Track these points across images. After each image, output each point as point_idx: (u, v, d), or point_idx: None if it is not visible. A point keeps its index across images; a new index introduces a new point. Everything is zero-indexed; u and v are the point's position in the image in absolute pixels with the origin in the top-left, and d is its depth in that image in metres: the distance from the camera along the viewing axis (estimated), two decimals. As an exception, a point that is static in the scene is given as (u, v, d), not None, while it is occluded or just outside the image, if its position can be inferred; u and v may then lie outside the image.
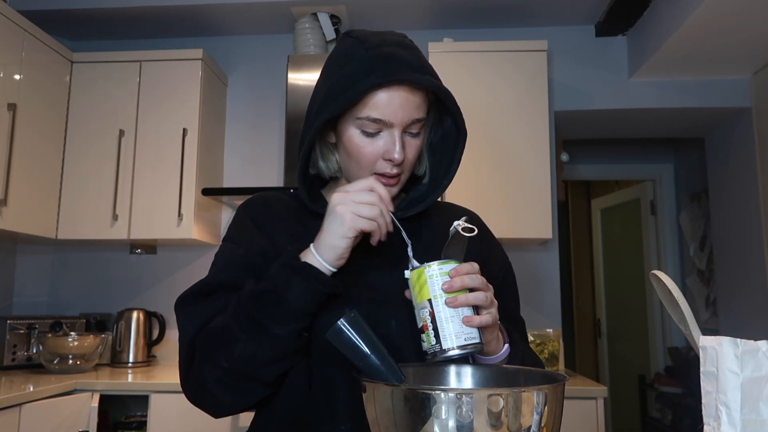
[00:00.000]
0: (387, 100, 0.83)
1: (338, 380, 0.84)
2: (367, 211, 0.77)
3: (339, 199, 0.78)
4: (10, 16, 2.30)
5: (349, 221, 0.76)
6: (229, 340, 0.78)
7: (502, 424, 0.59)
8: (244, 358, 0.77)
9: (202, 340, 0.81)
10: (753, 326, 2.86)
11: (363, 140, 0.86)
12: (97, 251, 2.94)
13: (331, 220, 0.78)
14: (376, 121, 0.84)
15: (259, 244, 0.90)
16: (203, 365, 0.80)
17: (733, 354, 0.60)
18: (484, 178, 2.49)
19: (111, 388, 2.22)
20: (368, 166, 0.87)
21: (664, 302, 0.73)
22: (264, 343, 0.77)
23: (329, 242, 0.78)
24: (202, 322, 0.82)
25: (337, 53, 0.89)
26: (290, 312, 0.76)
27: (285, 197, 0.98)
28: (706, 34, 2.37)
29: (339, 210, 0.77)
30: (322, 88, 0.88)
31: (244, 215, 0.95)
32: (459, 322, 0.76)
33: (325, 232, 0.78)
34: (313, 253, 0.79)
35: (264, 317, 0.76)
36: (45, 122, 2.52)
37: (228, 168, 2.95)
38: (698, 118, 3.02)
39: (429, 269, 0.77)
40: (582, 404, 2.17)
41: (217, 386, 0.80)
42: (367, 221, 0.77)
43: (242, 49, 3.03)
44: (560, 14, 2.81)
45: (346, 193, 0.78)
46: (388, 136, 0.85)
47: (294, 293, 0.76)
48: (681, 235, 3.89)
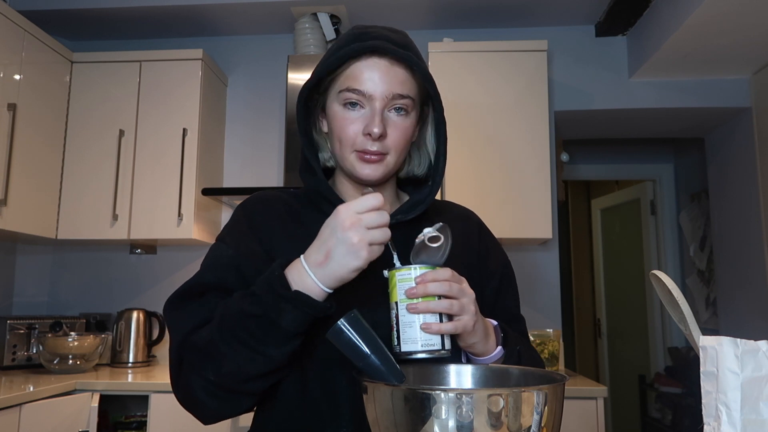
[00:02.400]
0: (367, 73, 0.84)
1: (339, 381, 0.84)
2: (380, 237, 0.72)
3: (353, 223, 0.71)
4: (10, 16, 2.30)
5: (366, 254, 0.71)
6: (216, 356, 0.76)
7: (502, 424, 0.59)
8: (232, 374, 0.76)
9: (189, 350, 0.79)
10: (753, 326, 2.86)
11: (345, 114, 0.86)
12: (97, 251, 2.94)
13: (344, 250, 0.71)
14: (355, 92, 0.84)
15: (248, 246, 0.88)
16: (190, 375, 0.79)
17: (733, 354, 0.60)
18: (484, 178, 2.49)
19: (111, 388, 2.22)
20: (348, 141, 0.86)
21: (664, 302, 0.73)
22: (255, 361, 0.75)
23: (338, 274, 0.72)
24: (189, 327, 0.81)
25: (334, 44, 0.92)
26: (282, 336, 0.74)
27: (285, 196, 0.97)
28: (706, 34, 2.37)
29: (357, 241, 0.70)
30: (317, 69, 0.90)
31: (241, 215, 0.93)
32: (418, 327, 0.76)
33: (333, 261, 0.72)
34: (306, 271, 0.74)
35: (254, 341, 0.74)
36: (45, 122, 2.52)
37: (228, 168, 2.95)
38: (698, 118, 3.02)
39: (399, 273, 0.78)
40: (582, 404, 2.17)
41: (204, 395, 0.79)
42: (379, 248, 0.73)
43: (242, 49, 3.03)
44: (560, 14, 2.81)
45: (357, 215, 0.71)
46: (368, 110, 0.85)
47: (285, 319, 0.73)
48: (681, 235, 3.89)
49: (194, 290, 0.85)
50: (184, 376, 0.80)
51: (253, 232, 0.90)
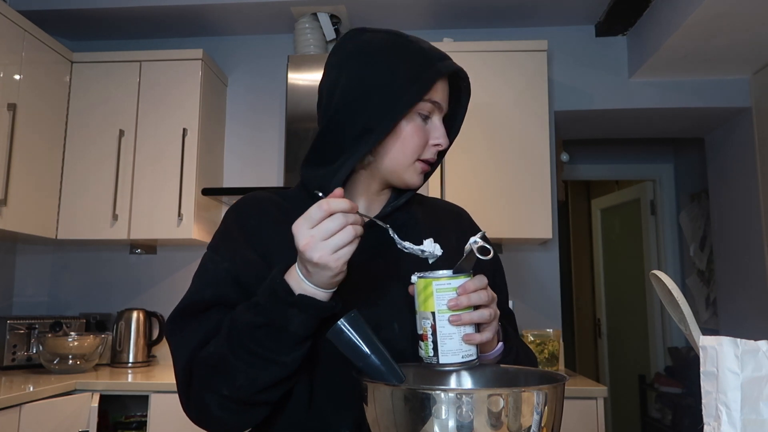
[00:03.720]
0: (443, 88, 0.89)
1: (339, 381, 0.84)
2: (344, 238, 0.70)
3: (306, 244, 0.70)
4: (10, 16, 2.30)
5: (335, 265, 0.70)
6: (228, 371, 0.76)
7: (502, 424, 0.59)
8: (247, 386, 0.76)
9: (199, 369, 0.79)
10: (753, 326, 2.86)
11: (417, 125, 0.88)
12: (97, 251, 2.94)
13: (316, 271, 0.71)
14: (434, 104, 0.88)
15: (243, 256, 0.87)
16: (204, 393, 0.79)
17: (733, 354, 0.60)
18: (484, 178, 2.49)
19: (111, 388, 2.22)
20: (417, 152, 0.89)
21: (664, 302, 0.73)
22: (269, 370, 0.76)
23: (324, 283, 0.73)
24: (193, 346, 0.81)
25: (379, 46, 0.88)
26: (293, 341, 0.75)
27: (275, 198, 0.96)
28: (706, 34, 2.37)
29: (317, 259, 0.70)
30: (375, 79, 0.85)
31: (232, 222, 0.92)
32: (459, 339, 0.75)
33: (313, 276, 0.72)
34: (308, 284, 0.74)
35: (265, 350, 0.75)
36: (45, 122, 2.52)
37: (228, 168, 2.95)
38: (698, 118, 3.02)
39: (437, 282, 0.75)
40: (582, 404, 2.17)
41: (221, 411, 0.79)
42: (348, 248, 0.71)
43: (242, 49, 3.03)
44: (560, 14, 2.81)
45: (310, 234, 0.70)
46: (437, 122, 0.89)
47: (294, 324, 0.73)
48: (681, 235, 3.89)
49: (195, 308, 0.84)
50: (196, 395, 0.80)
51: (246, 239, 0.89)
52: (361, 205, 0.95)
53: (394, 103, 0.84)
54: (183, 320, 0.84)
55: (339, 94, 0.89)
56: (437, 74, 0.86)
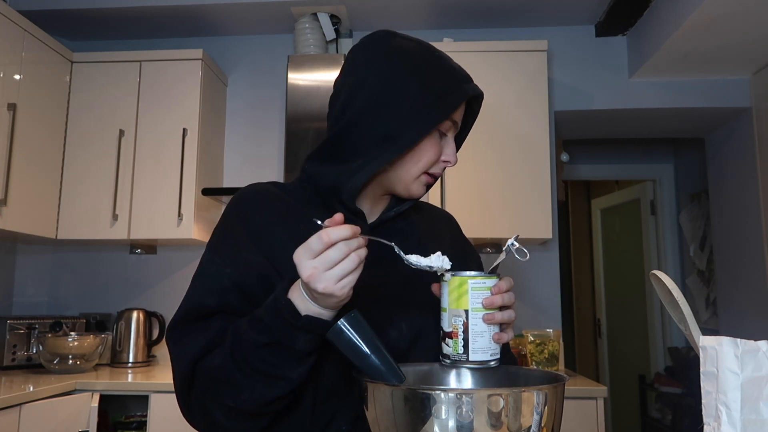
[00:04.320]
0: (462, 108, 0.91)
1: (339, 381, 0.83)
2: (347, 266, 0.69)
3: (310, 275, 0.68)
4: (10, 16, 2.30)
5: (341, 293, 0.69)
6: (233, 384, 0.76)
7: (502, 424, 0.59)
8: (252, 400, 0.76)
9: (203, 379, 0.79)
10: (753, 326, 2.86)
11: (435, 141, 0.89)
12: (97, 251, 2.94)
13: (321, 298, 0.70)
14: (453, 122, 0.90)
15: (246, 260, 0.84)
16: (206, 402, 0.79)
17: (733, 354, 0.60)
18: (484, 178, 2.49)
19: (111, 388, 2.22)
20: (427, 166, 0.90)
21: (664, 302, 0.73)
22: (275, 386, 0.75)
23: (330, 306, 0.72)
24: (194, 353, 0.79)
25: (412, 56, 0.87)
26: (298, 358, 0.74)
27: (277, 191, 0.93)
28: (706, 34, 2.37)
29: (322, 289, 0.68)
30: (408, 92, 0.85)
31: (234, 218, 0.89)
32: (489, 338, 0.77)
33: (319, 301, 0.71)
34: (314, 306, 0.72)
35: (270, 368, 0.74)
36: (45, 122, 2.52)
37: (228, 168, 2.95)
38: (698, 118, 3.02)
39: (473, 281, 0.77)
40: (582, 404, 2.17)
41: (227, 420, 0.79)
42: (353, 275, 0.70)
43: (242, 49, 3.03)
44: (560, 14, 2.81)
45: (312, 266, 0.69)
46: (450, 140, 0.91)
47: (300, 343, 0.73)
48: (681, 235, 3.89)
49: (196, 314, 0.82)
50: (198, 402, 0.80)
51: (250, 238, 0.86)
52: (365, 208, 0.94)
53: (423, 117, 0.85)
54: (184, 327, 0.82)
55: (365, 94, 0.86)
56: (464, 95, 0.87)
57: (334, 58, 2.68)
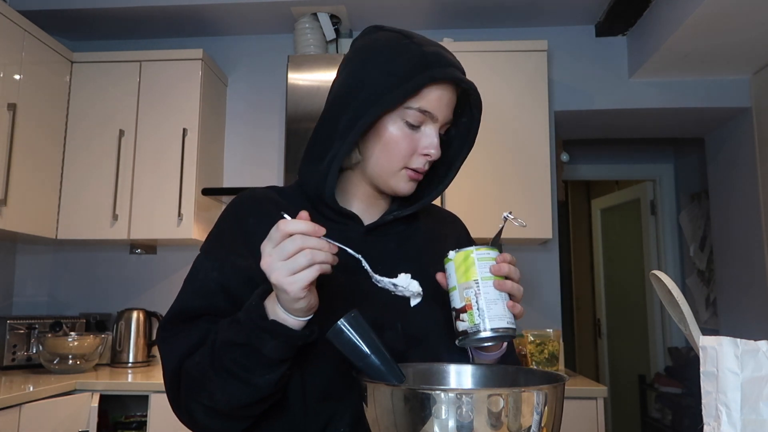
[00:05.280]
0: (438, 97, 0.85)
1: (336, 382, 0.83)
2: (299, 261, 0.68)
3: (265, 263, 0.70)
4: (10, 16, 2.30)
5: (291, 288, 0.68)
6: (208, 385, 0.76)
7: (502, 424, 0.59)
8: (224, 402, 0.77)
9: (185, 377, 0.80)
10: (753, 326, 2.86)
11: (404, 132, 0.86)
12: (97, 251, 2.94)
13: (278, 294, 0.71)
14: (424, 113, 0.85)
15: (233, 264, 0.85)
16: (189, 401, 0.80)
17: (733, 354, 0.60)
18: (484, 178, 2.49)
19: (111, 388, 2.22)
20: (403, 159, 0.87)
21: (664, 302, 0.73)
22: (244, 390, 0.75)
23: (290, 307, 0.72)
24: (182, 352, 0.81)
25: (380, 45, 0.88)
26: (266, 364, 0.74)
27: (273, 195, 0.94)
28: (706, 34, 2.37)
29: (274, 280, 0.69)
30: (365, 79, 0.86)
31: (228, 221, 0.91)
32: (503, 305, 0.77)
33: (281, 300, 0.72)
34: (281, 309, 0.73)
35: (240, 370, 0.74)
36: (45, 122, 2.52)
37: (228, 168, 2.95)
38: (698, 118, 3.02)
39: (478, 251, 0.78)
40: (582, 404, 2.17)
41: (206, 419, 0.80)
42: (306, 272, 0.69)
43: (242, 49, 3.03)
44: (560, 14, 2.81)
45: (268, 254, 0.69)
46: (428, 131, 0.87)
47: (267, 348, 0.73)
48: (681, 235, 3.89)
49: (184, 316, 0.84)
50: (184, 401, 0.81)
51: (243, 239, 0.87)
52: (356, 207, 0.93)
53: (377, 99, 0.83)
54: (173, 328, 0.84)
55: (335, 89, 0.90)
56: (428, 80, 0.83)
57: (334, 58, 2.68)
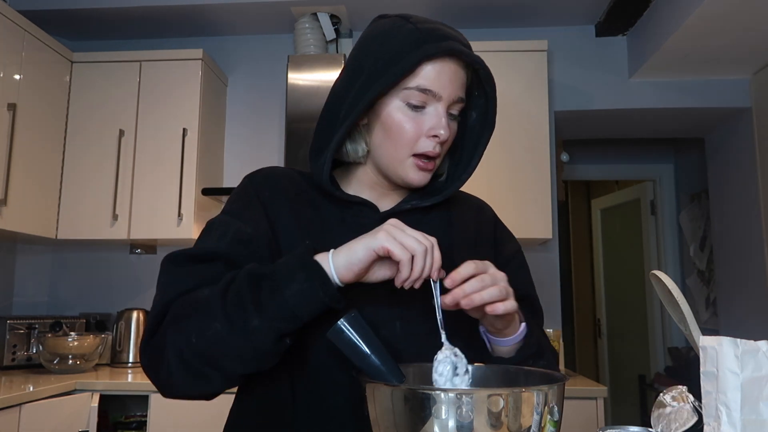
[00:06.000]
0: (437, 72, 0.80)
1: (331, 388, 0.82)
2: (410, 242, 0.70)
3: (394, 221, 0.72)
4: (10, 16, 2.30)
5: (383, 236, 0.70)
6: (207, 316, 0.71)
7: (502, 424, 0.59)
8: (215, 341, 0.70)
9: (180, 305, 0.74)
10: (753, 326, 2.86)
11: (407, 114, 0.82)
12: (97, 251, 2.94)
13: (369, 232, 0.72)
14: (424, 92, 0.80)
15: (265, 229, 0.83)
16: (170, 332, 0.73)
17: (733, 354, 0.60)
18: (483, 178, 2.49)
19: (111, 388, 2.22)
20: (409, 144, 0.83)
21: (664, 302, 0.73)
22: (238, 333, 0.70)
23: (351, 246, 0.72)
24: (186, 287, 0.75)
25: (376, 32, 0.85)
26: (279, 306, 0.69)
27: (295, 175, 0.92)
28: (706, 34, 2.37)
29: (384, 227, 0.71)
30: (363, 65, 0.83)
31: (251, 191, 0.88)
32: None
33: (355, 239, 0.72)
34: (328, 257, 0.72)
35: (250, 302, 0.70)
36: (45, 122, 2.52)
37: (228, 168, 2.95)
38: (698, 118, 3.02)
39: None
40: (582, 404, 2.17)
41: (175, 358, 0.72)
42: (401, 248, 0.69)
43: (242, 49, 3.03)
44: (560, 14, 2.81)
45: (403, 226, 0.72)
46: (433, 111, 0.82)
47: (292, 289, 0.70)
48: (681, 235, 3.89)
49: (203, 256, 0.79)
50: (160, 333, 0.74)
51: (263, 208, 0.86)
52: (374, 197, 0.92)
53: (373, 83, 0.80)
54: (185, 261, 0.78)
55: (335, 83, 0.88)
56: (422, 55, 0.78)
57: (334, 58, 2.68)
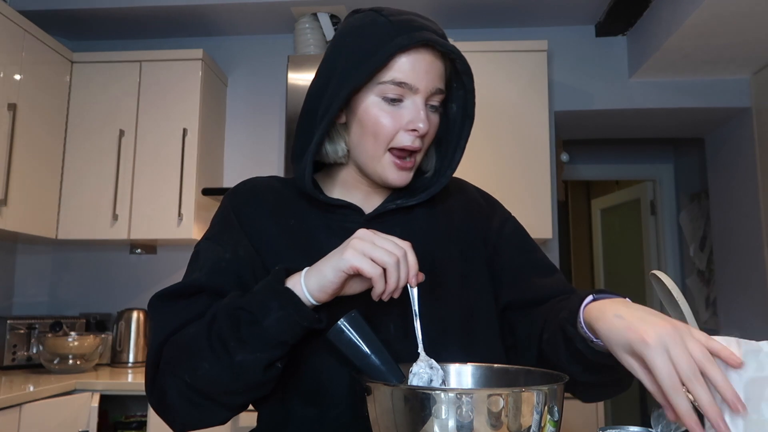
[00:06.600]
0: (412, 64, 0.78)
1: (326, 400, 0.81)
2: (379, 255, 0.67)
3: (362, 233, 0.70)
4: (10, 16, 2.30)
5: (350, 255, 0.68)
6: (195, 357, 0.71)
7: (502, 424, 0.59)
8: (207, 381, 0.71)
9: (171, 347, 0.74)
10: (753, 326, 2.86)
11: (383, 109, 0.80)
12: (97, 251, 2.94)
13: (338, 248, 0.70)
14: (400, 85, 0.78)
15: (246, 249, 0.83)
16: (166, 375, 0.74)
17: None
18: (483, 178, 2.48)
19: (111, 388, 2.22)
20: (387, 138, 0.80)
21: (664, 302, 0.73)
22: (227, 370, 0.70)
23: (321, 269, 0.70)
24: (175, 326, 0.75)
25: (350, 27, 0.84)
26: (261, 338, 0.69)
27: (276, 183, 0.92)
28: (706, 34, 2.37)
29: (352, 242, 0.69)
30: (337, 61, 0.81)
31: (230, 211, 0.87)
32: None
33: (325, 258, 0.71)
34: (300, 281, 0.71)
35: (232, 338, 0.69)
36: (45, 122, 2.52)
37: (228, 168, 2.95)
38: (698, 118, 3.02)
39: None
40: (582, 404, 2.17)
41: (178, 398, 0.73)
42: (370, 264, 0.67)
43: (242, 49, 3.03)
44: (560, 14, 2.81)
45: (374, 233, 0.69)
46: (410, 104, 0.80)
47: (269, 319, 0.68)
48: (681, 235, 3.89)
49: (188, 291, 0.79)
50: (160, 377, 0.75)
51: (242, 227, 0.85)
52: (358, 198, 0.90)
53: (346, 81, 0.79)
54: (171, 299, 0.79)
55: (311, 84, 0.86)
56: (395, 48, 0.76)
57: (334, 58, 2.68)
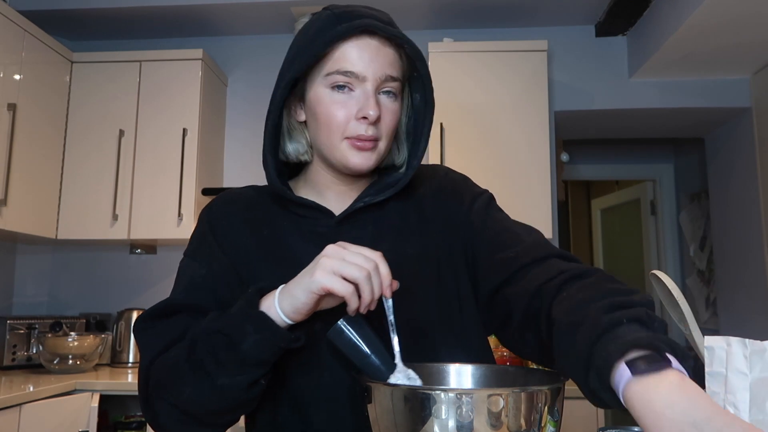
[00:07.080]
0: (358, 52, 0.78)
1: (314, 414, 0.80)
2: (350, 271, 0.66)
3: (331, 250, 0.68)
4: (10, 16, 2.30)
5: (320, 276, 0.66)
6: (179, 381, 0.72)
7: (502, 424, 0.59)
8: (193, 403, 0.72)
9: (156, 370, 0.75)
10: (753, 326, 2.86)
11: (333, 99, 0.79)
12: (97, 251, 2.94)
13: (308, 268, 0.69)
14: (347, 74, 0.78)
15: (220, 264, 0.83)
16: (155, 399, 0.75)
17: (742, 354, 0.60)
18: (483, 178, 2.48)
19: (111, 388, 2.22)
20: (340, 128, 0.79)
21: (664, 302, 0.73)
22: (210, 392, 0.70)
23: (293, 291, 0.69)
24: (159, 348, 0.76)
25: (304, 27, 0.86)
26: (240, 361, 0.69)
27: (251, 192, 0.92)
28: (706, 34, 2.37)
29: (321, 261, 0.67)
30: (287, 59, 0.85)
31: (206, 226, 0.87)
32: None
33: (296, 278, 0.70)
34: (275, 302, 0.70)
35: (212, 362, 0.69)
36: (45, 122, 2.52)
37: (228, 168, 2.95)
38: (698, 118, 3.02)
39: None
40: (582, 404, 2.17)
41: (168, 419, 0.74)
42: (341, 283, 0.66)
43: (242, 49, 3.03)
44: (560, 14, 2.81)
45: (343, 248, 0.68)
46: (360, 93, 0.79)
47: (247, 342, 0.68)
48: (681, 235, 3.89)
49: (168, 310, 0.80)
50: (151, 399, 0.76)
51: (217, 243, 0.85)
52: (330, 198, 0.89)
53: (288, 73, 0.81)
54: (152, 321, 0.79)
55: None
56: (334, 37, 0.77)
57: (334, 58, 2.68)
